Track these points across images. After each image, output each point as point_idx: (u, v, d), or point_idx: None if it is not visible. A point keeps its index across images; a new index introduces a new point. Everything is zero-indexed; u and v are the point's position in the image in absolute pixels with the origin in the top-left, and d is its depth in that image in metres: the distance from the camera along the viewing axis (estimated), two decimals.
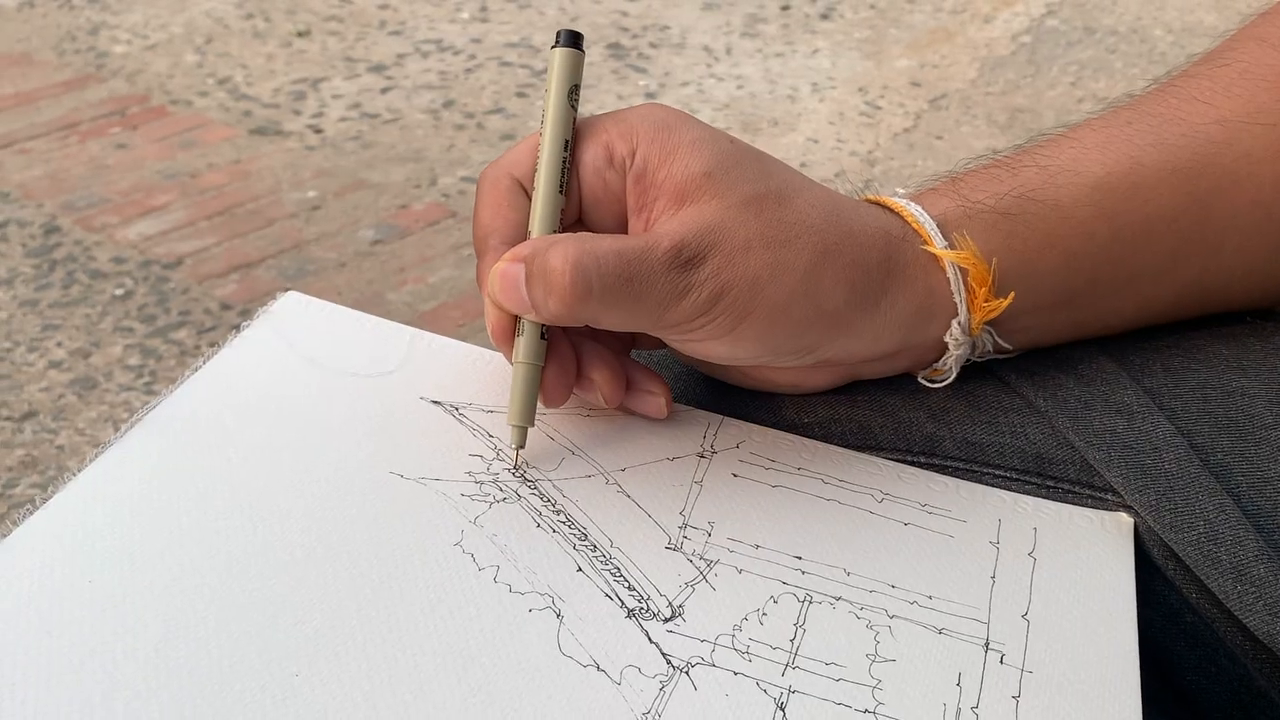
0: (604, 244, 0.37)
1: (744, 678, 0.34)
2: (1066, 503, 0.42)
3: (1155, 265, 0.43)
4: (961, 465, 0.43)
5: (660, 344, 0.43)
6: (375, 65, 2.29)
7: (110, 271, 1.68)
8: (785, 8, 2.49)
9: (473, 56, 2.32)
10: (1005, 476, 0.42)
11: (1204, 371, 0.43)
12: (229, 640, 0.33)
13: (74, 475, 0.37)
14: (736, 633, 0.36)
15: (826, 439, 0.43)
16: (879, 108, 2.09)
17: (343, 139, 2.02)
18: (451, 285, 1.64)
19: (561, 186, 0.40)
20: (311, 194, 1.87)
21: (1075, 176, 0.42)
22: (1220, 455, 0.41)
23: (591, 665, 0.34)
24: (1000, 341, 0.43)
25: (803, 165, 1.88)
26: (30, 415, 1.41)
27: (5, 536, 0.35)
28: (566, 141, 0.40)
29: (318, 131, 2.05)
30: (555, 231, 0.39)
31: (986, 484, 0.42)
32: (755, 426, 0.43)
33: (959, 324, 0.41)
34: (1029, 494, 0.42)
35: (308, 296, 0.45)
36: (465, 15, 2.51)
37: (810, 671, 0.35)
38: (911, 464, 0.43)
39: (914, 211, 0.41)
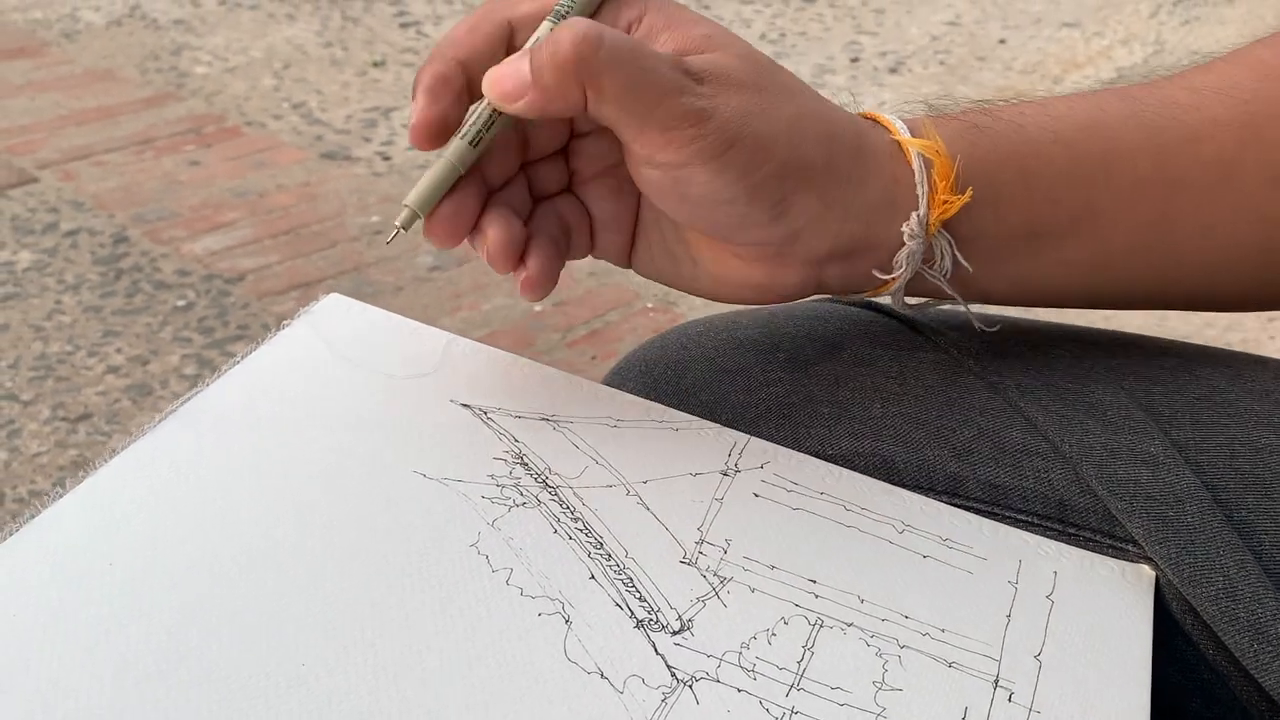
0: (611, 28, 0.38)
1: (748, 695, 0.34)
2: (1088, 551, 0.41)
3: (1113, 200, 0.43)
4: (984, 507, 0.42)
5: (619, 248, 0.43)
6: None
7: (174, 283, 1.71)
8: (855, 60, 2.50)
9: None
10: (1027, 521, 0.42)
11: (1234, 427, 0.43)
12: (241, 628, 0.33)
13: (106, 460, 0.38)
14: (744, 650, 0.36)
15: None
16: None
17: (410, 167, 2.06)
18: (504, 314, 1.65)
19: None
20: (375, 219, 1.90)
21: (1041, 109, 0.43)
22: (1244, 512, 0.40)
23: (596, 672, 0.34)
24: (960, 257, 0.42)
25: None
26: (85, 417, 1.44)
27: (35, 516, 0.35)
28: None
29: (386, 159, 2.09)
30: None
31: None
32: (781, 448, 0.43)
33: (918, 216, 0.41)
34: (1050, 540, 0.41)
35: (349, 299, 0.46)
36: None
37: (815, 695, 0.35)
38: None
39: (885, 115, 0.42)
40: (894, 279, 0.42)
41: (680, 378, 0.46)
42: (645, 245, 0.44)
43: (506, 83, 0.38)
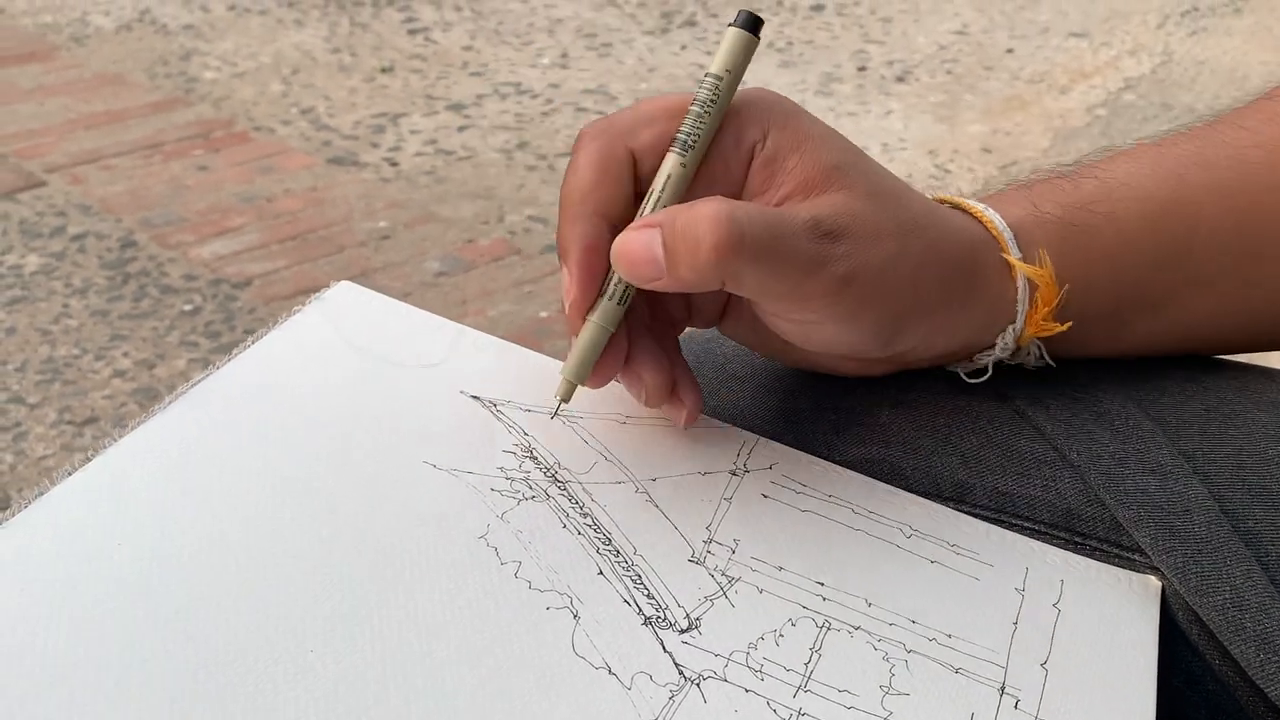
0: (748, 205, 0.37)
1: (755, 695, 0.34)
2: (1094, 560, 0.41)
3: (1195, 276, 0.44)
4: (991, 515, 0.42)
5: (708, 323, 0.43)
6: (454, 104, 2.34)
7: (181, 288, 1.72)
8: (862, 69, 2.50)
9: (550, 101, 2.36)
10: (1034, 529, 0.42)
11: (1242, 438, 0.43)
12: (248, 611, 0.33)
13: (114, 441, 0.38)
14: (751, 651, 0.35)
15: None
16: (948, 171, 2.09)
17: (417, 173, 2.06)
18: (510, 319, 1.65)
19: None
20: (382, 224, 1.90)
21: (1129, 190, 0.43)
22: (1252, 523, 0.40)
23: (603, 668, 0.34)
24: (1046, 356, 0.44)
25: None
26: (91, 421, 1.44)
27: (43, 494, 0.35)
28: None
29: (393, 165, 2.09)
30: None
31: None
32: (790, 449, 0.43)
33: (1013, 330, 0.42)
34: (1057, 548, 0.41)
35: (360, 287, 0.46)
36: (546, 61, 2.55)
37: (822, 697, 0.35)
38: None
39: (992, 217, 0.42)
40: (976, 380, 0.44)
41: (699, 371, 0.46)
42: (736, 318, 0.43)
43: (641, 267, 0.37)
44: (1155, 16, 2.76)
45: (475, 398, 0.42)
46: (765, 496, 0.41)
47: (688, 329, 0.44)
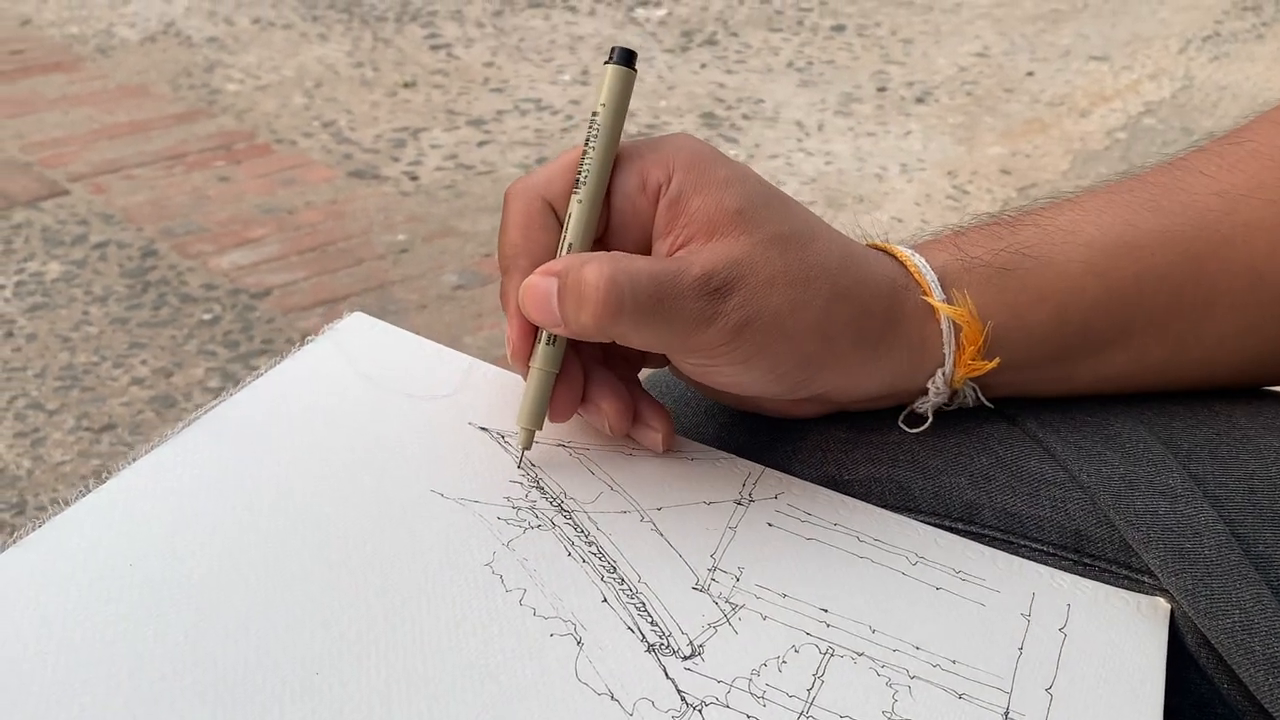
0: (638, 263, 0.38)
1: None
2: (1103, 582, 0.41)
3: (1146, 322, 0.44)
4: (999, 536, 0.42)
5: (664, 360, 0.43)
6: (475, 119, 2.35)
7: (200, 297, 1.73)
8: (882, 89, 2.51)
9: (570, 117, 2.37)
10: (1042, 550, 0.42)
11: (1253, 463, 0.43)
12: (256, 634, 0.34)
13: (129, 464, 0.38)
14: (754, 677, 0.36)
15: (866, 497, 0.43)
16: (966, 192, 2.09)
17: (436, 187, 2.07)
18: None
19: (601, 207, 0.41)
20: (401, 237, 1.91)
21: (1070, 236, 0.43)
22: (1262, 547, 0.40)
23: (606, 694, 0.34)
24: (982, 397, 0.44)
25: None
26: (109, 428, 1.45)
27: (57, 514, 0.36)
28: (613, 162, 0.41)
29: (413, 178, 2.11)
30: (588, 250, 0.41)
31: (1023, 557, 0.42)
32: (795, 479, 0.43)
33: (942, 374, 0.43)
34: (1065, 570, 0.41)
35: (372, 318, 0.47)
36: (566, 77, 2.56)
37: None
38: (949, 530, 0.42)
39: (917, 263, 0.43)
40: (916, 429, 0.44)
41: (701, 400, 0.47)
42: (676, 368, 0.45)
43: (542, 316, 0.39)
44: (1177, 41, 2.76)
45: (484, 429, 0.43)
46: (770, 525, 0.41)
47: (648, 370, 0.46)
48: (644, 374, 0.50)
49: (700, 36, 2.81)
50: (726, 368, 0.40)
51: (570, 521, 0.40)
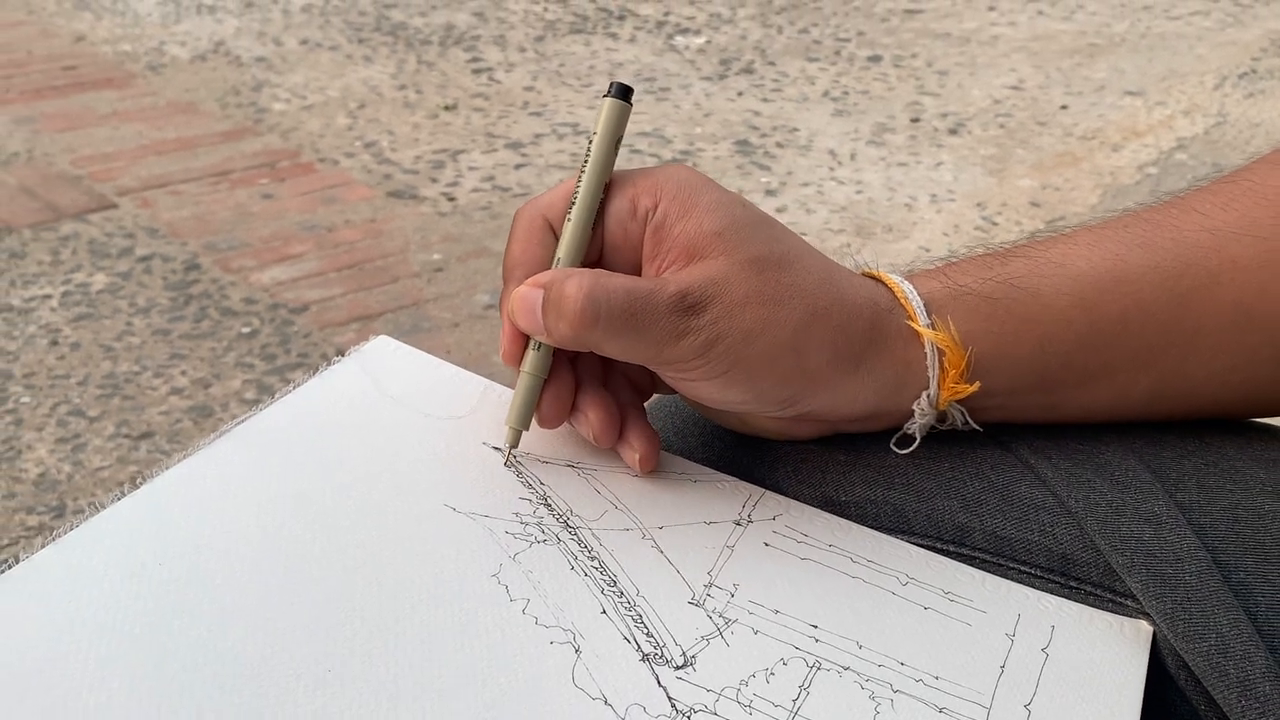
0: (616, 280, 0.41)
1: None
2: (1088, 605, 0.43)
3: (1132, 356, 0.45)
4: (988, 558, 0.44)
5: (673, 389, 0.46)
6: (513, 142, 2.39)
7: (240, 310, 1.77)
8: (915, 120, 2.52)
9: None
10: (1030, 573, 0.44)
11: (1238, 493, 0.44)
12: (274, 631, 0.36)
13: (162, 471, 0.41)
14: (742, 687, 0.38)
15: (861, 519, 0.45)
16: (995, 223, 2.10)
17: (473, 208, 2.11)
18: None
19: (590, 228, 0.44)
20: (436, 256, 1.95)
21: (1059, 268, 0.45)
22: (1243, 575, 0.42)
23: (600, 699, 0.36)
24: (970, 420, 0.46)
25: None
26: (147, 435, 1.49)
27: (93, 516, 0.39)
28: (605, 187, 0.44)
29: (451, 199, 2.14)
30: (577, 267, 0.43)
31: (1011, 579, 0.43)
32: (795, 502, 0.45)
33: (928, 396, 0.44)
34: (1052, 592, 0.43)
35: (396, 341, 0.50)
36: None
37: None
38: (940, 552, 0.44)
39: (905, 289, 0.44)
40: (905, 450, 0.46)
41: (708, 423, 0.49)
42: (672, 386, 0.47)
43: (528, 323, 0.42)
44: (1213, 77, 2.76)
45: (497, 448, 0.45)
46: (767, 545, 0.43)
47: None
48: (653, 399, 0.52)
49: (738, 65, 2.84)
50: (704, 382, 0.42)
51: (575, 537, 0.42)
